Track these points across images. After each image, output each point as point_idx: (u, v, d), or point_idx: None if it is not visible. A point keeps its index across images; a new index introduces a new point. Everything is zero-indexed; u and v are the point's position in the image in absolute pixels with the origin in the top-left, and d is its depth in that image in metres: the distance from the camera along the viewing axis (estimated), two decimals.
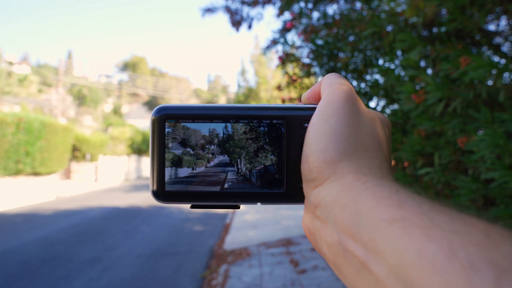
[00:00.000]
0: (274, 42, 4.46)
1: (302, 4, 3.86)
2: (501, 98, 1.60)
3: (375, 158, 0.33)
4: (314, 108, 0.37)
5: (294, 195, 0.39)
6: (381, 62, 2.72)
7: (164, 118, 0.39)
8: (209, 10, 5.39)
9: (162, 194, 0.39)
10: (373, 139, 0.34)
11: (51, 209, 10.32)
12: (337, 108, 0.34)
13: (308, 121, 0.37)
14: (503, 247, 0.21)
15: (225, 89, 61.27)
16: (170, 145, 0.39)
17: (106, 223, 8.14)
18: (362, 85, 2.90)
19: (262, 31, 46.45)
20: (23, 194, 12.23)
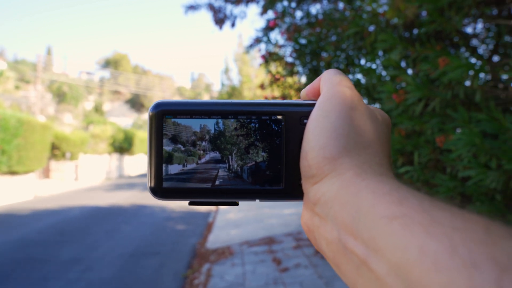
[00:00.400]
0: (257, 41, 4.46)
1: (286, 3, 3.88)
2: (477, 98, 1.64)
3: (376, 154, 0.33)
4: (314, 104, 0.37)
5: (293, 192, 0.38)
6: (363, 62, 2.76)
7: (162, 114, 0.38)
8: (192, 8, 5.35)
9: (159, 191, 0.38)
10: (373, 136, 0.34)
11: (29, 209, 10.02)
12: (337, 104, 0.34)
13: (307, 117, 0.36)
14: (504, 244, 0.21)
15: (208, 87, 61.02)
16: (168, 141, 0.39)
17: (86, 223, 7.97)
18: None
19: (246, 30, 46.46)
20: None
